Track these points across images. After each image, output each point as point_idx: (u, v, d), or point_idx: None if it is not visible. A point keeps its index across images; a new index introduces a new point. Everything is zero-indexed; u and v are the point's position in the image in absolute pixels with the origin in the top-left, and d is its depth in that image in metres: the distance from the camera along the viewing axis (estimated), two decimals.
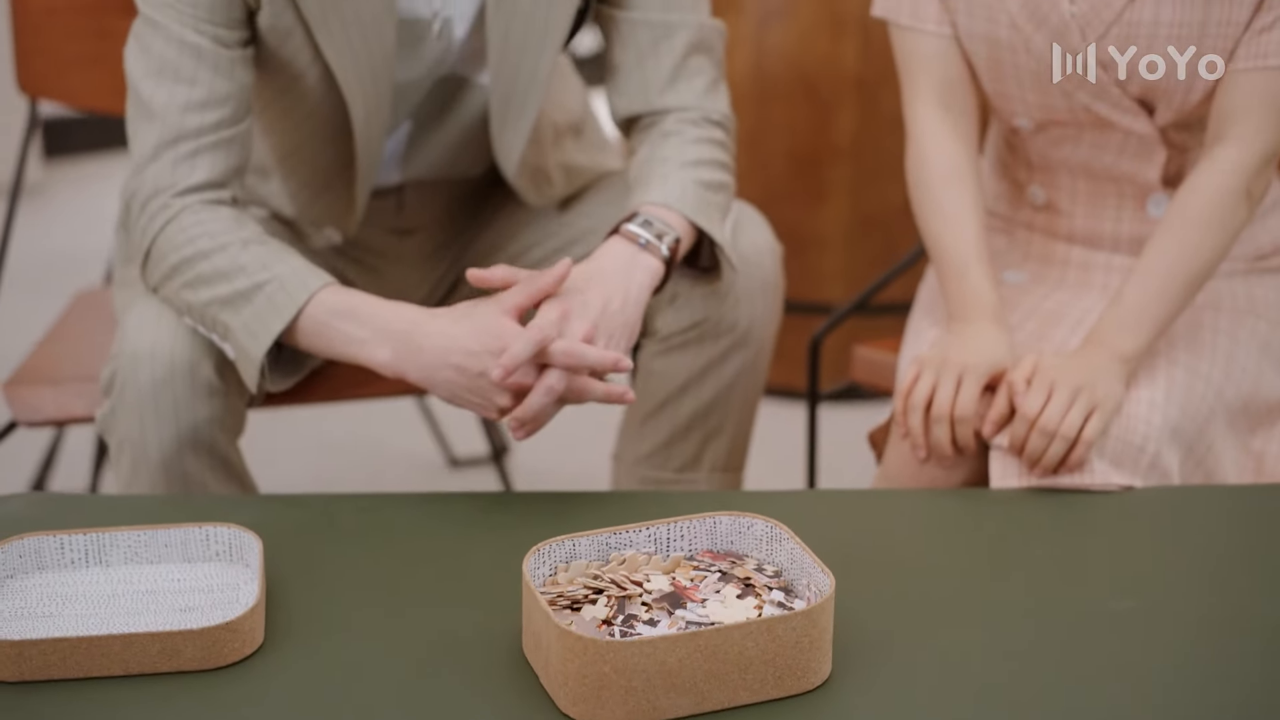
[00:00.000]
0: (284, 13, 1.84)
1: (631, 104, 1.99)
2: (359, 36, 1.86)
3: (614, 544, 1.57)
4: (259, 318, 1.77)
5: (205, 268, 1.79)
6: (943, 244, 1.94)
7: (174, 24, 1.82)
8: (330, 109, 1.93)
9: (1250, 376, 1.95)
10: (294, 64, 1.89)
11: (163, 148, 1.82)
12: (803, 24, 3.00)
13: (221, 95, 1.83)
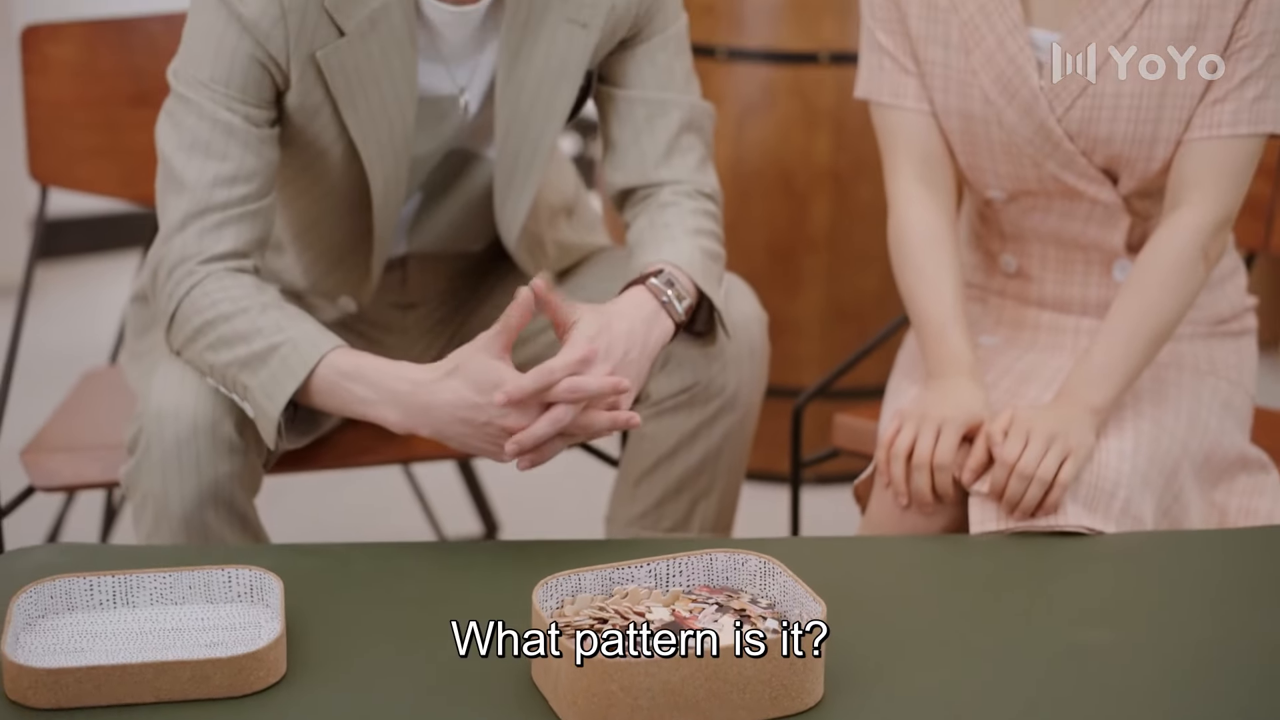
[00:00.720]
0: (313, 91, 1.95)
1: (628, 177, 2.10)
2: (382, 114, 1.98)
3: (617, 579, 1.66)
4: (274, 378, 1.87)
5: (226, 330, 1.89)
6: (922, 306, 2.05)
7: (207, 102, 1.93)
8: (351, 183, 2.04)
9: (1212, 432, 2.05)
10: (319, 140, 2.00)
11: (191, 218, 1.93)
12: (779, 119, 3.13)
13: (249, 171, 1.94)
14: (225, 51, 1.93)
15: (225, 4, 1.92)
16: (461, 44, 2.02)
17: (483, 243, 2.26)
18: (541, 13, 2.01)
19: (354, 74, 1.95)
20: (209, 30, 1.94)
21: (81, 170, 2.60)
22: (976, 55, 2.04)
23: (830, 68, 3.11)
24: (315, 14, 1.92)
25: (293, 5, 1.91)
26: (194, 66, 1.95)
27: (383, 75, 1.96)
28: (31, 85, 2.55)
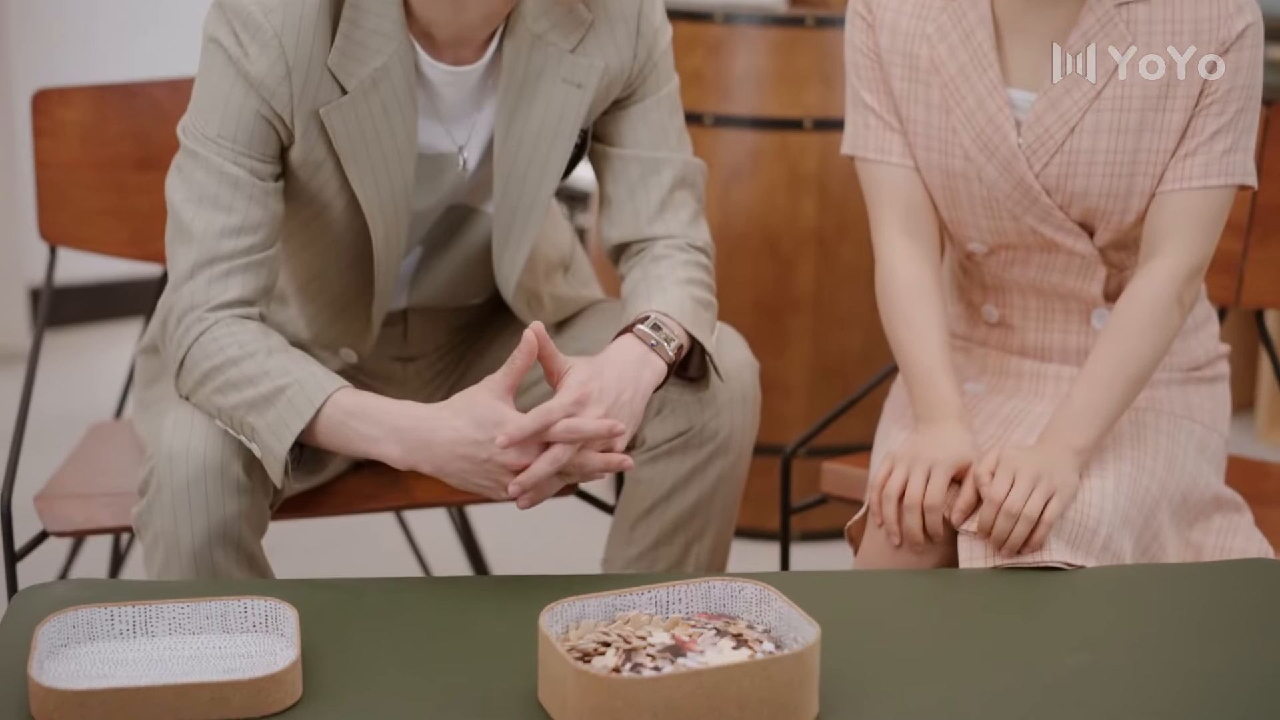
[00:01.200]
0: (316, 147, 2.03)
1: (623, 233, 2.19)
2: (383, 169, 2.06)
3: (619, 605, 1.73)
4: (281, 419, 1.94)
5: (234, 374, 1.96)
6: (910, 352, 2.13)
7: (214, 156, 2.01)
8: (353, 236, 2.12)
9: (1189, 473, 2.13)
10: (322, 195, 2.08)
11: (199, 267, 2.01)
12: (765, 183, 3.22)
13: (255, 222, 2.02)
14: (232, 108, 2.02)
15: (233, 63, 2.01)
16: (460, 103, 2.10)
17: (481, 297, 2.34)
18: (538, 73, 2.09)
19: (356, 130, 2.03)
20: (217, 88, 2.03)
21: (90, 230, 2.67)
22: (957, 114, 2.13)
23: (814, 133, 3.20)
24: (318, 72, 2.01)
25: (297, 64, 2.00)
26: (202, 122, 2.03)
27: (384, 132, 2.05)
28: (41, 148, 2.64)
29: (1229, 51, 2.07)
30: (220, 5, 2.03)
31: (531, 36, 2.08)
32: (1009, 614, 1.86)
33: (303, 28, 1.99)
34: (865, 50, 2.19)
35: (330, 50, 2.01)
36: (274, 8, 1.99)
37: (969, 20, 2.11)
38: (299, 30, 1.99)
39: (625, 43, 2.13)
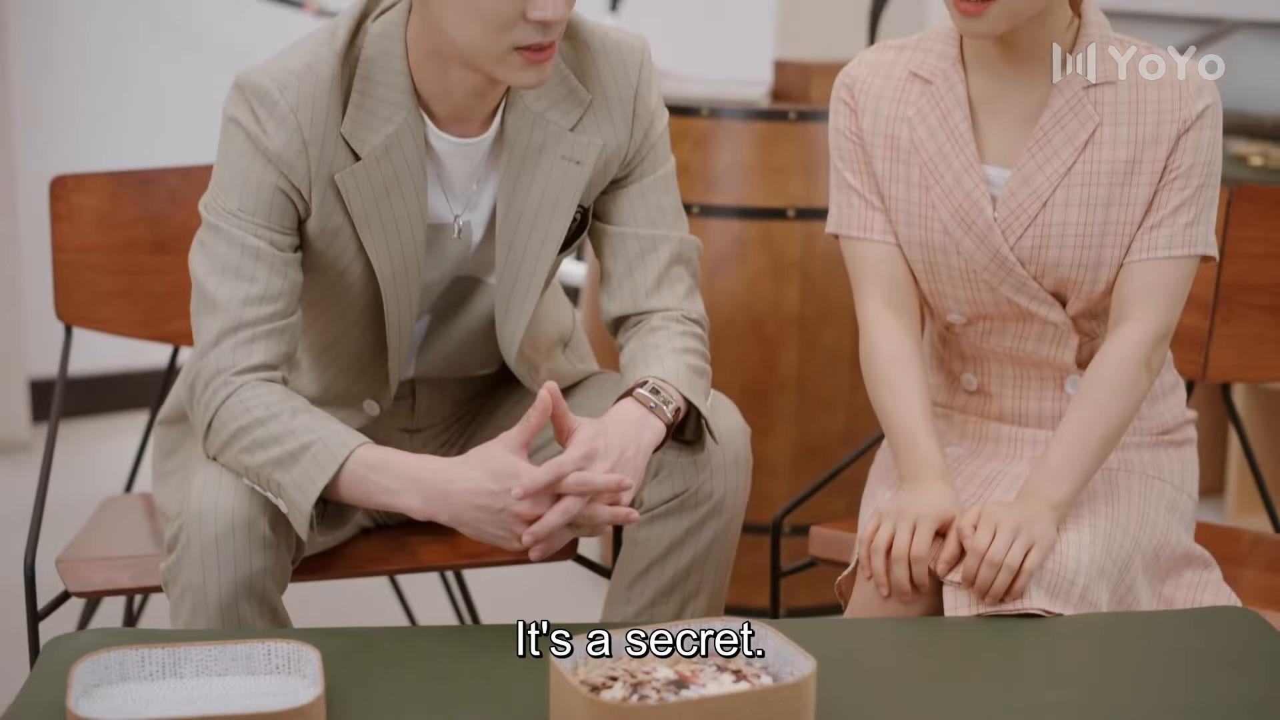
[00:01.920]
0: (334, 213, 2.16)
1: (622, 306, 2.31)
2: (395, 234, 2.18)
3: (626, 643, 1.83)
4: (307, 474, 2.05)
5: (261, 433, 2.08)
6: (894, 416, 2.25)
7: (236, 230, 2.13)
8: (367, 302, 2.24)
9: (1160, 530, 2.25)
10: (339, 261, 2.20)
11: (224, 335, 2.12)
12: (750, 270, 3.35)
13: (276, 291, 2.14)
14: (251, 183, 2.14)
15: (251, 139, 2.13)
16: (466, 175, 2.23)
17: (486, 368, 2.45)
18: (539, 149, 2.22)
19: (369, 195, 2.16)
20: (236, 165, 2.15)
21: (104, 311, 2.78)
22: (936, 191, 2.26)
23: (797, 222, 3.34)
24: (333, 141, 2.13)
25: (313, 136, 2.12)
26: (223, 198, 2.16)
27: (395, 198, 2.17)
28: (58, 231, 2.74)
29: (1190, 130, 2.20)
30: (239, 86, 2.16)
31: (532, 114, 2.21)
32: (992, 656, 1.97)
33: (317, 100, 2.12)
34: (849, 134, 2.32)
35: (343, 119, 2.14)
36: (289, 84, 2.12)
37: (946, 103, 2.25)
38: (314, 103, 2.12)
39: (622, 123, 2.26)
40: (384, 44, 2.16)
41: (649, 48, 2.31)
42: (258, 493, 2.10)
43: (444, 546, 2.45)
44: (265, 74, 2.15)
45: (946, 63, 2.26)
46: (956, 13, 2.14)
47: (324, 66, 2.14)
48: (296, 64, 2.15)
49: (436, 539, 2.45)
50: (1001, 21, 2.13)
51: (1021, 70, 2.23)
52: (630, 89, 2.27)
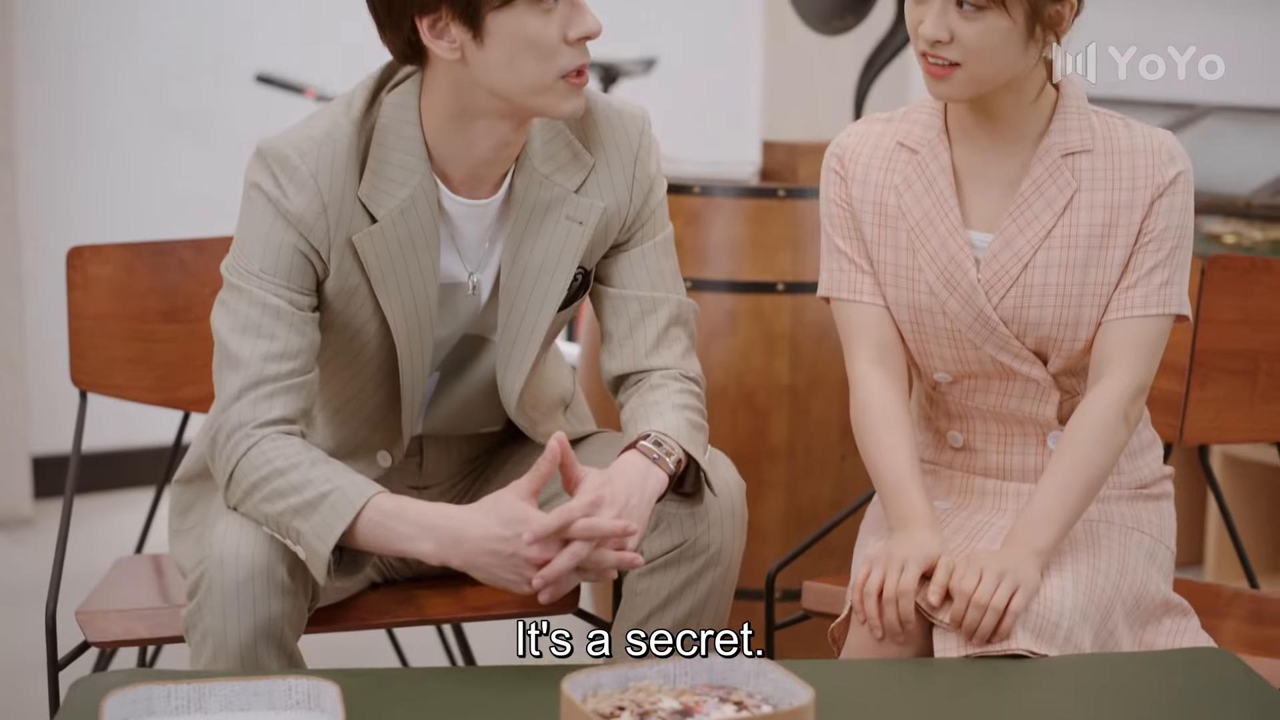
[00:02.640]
0: (351, 273, 2.26)
1: (623, 365, 2.41)
2: (409, 293, 2.29)
3: (631, 676, 1.92)
4: (325, 522, 2.15)
5: (281, 483, 2.17)
6: (883, 468, 2.35)
7: (257, 289, 2.24)
8: (382, 359, 2.35)
9: (1139, 578, 2.34)
10: (355, 320, 2.30)
11: (245, 390, 2.22)
12: (741, 342, 3.46)
13: (295, 349, 2.24)
14: (272, 245, 2.25)
15: (273, 203, 2.24)
16: (476, 236, 2.34)
17: (491, 425, 2.55)
18: (545, 209, 2.33)
19: (385, 256, 2.26)
20: (258, 227, 2.26)
21: (118, 377, 2.87)
22: (923, 254, 2.36)
23: (786, 296, 3.45)
24: (351, 204, 2.25)
25: (332, 199, 2.23)
26: (245, 259, 2.26)
27: (410, 258, 2.28)
28: (74, 300, 2.84)
29: (1163, 196, 2.32)
30: (260, 153, 2.27)
31: (540, 176, 2.32)
32: (980, 694, 2.07)
33: (335, 166, 2.24)
34: (839, 201, 2.43)
35: (360, 184, 2.25)
36: (308, 150, 2.23)
37: (931, 170, 2.36)
38: (332, 168, 2.24)
39: (623, 187, 2.37)
40: (399, 113, 2.27)
41: (649, 117, 2.43)
42: (277, 541, 2.19)
43: (450, 599, 2.53)
44: (286, 141, 2.26)
45: (932, 133, 2.38)
46: (927, 76, 2.27)
47: (342, 134, 2.26)
48: (316, 131, 2.26)
49: (442, 592, 2.54)
50: (966, 87, 2.26)
51: (1002, 139, 2.34)
52: (631, 154, 2.38)
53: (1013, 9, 2.22)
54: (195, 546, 2.43)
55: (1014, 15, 2.22)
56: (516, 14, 2.19)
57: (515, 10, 2.18)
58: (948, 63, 2.25)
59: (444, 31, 2.21)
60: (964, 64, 2.24)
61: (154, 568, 2.80)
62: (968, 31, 2.23)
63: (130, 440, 4.79)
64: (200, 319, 2.88)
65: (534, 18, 2.19)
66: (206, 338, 2.86)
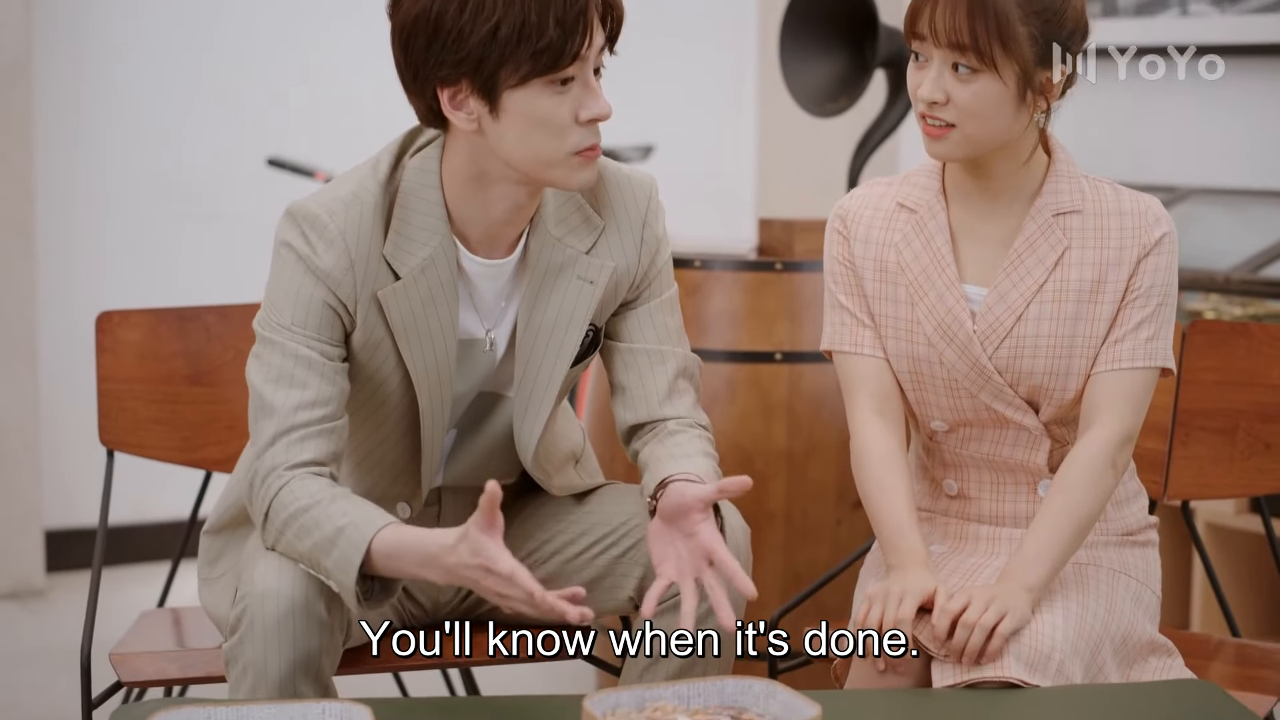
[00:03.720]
0: (376, 327, 2.39)
1: (637, 415, 2.54)
2: (430, 348, 2.42)
3: (648, 697, 2.03)
4: (344, 556, 2.26)
5: (306, 520, 2.29)
6: (882, 511, 2.46)
7: (289, 342, 2.36)
8: (404, 411, 2.47)
9: (1127, 619, 2.46)
10: (380, 373, 2.43)
11: (279, 436, 2.34)
12: (739, 410, 3.58)
13: (325, 397, 2.36)
14: (303, 299, 2.37)
15: (303, 260, 2.37)
16: (493, 295, 2.47)
17: (507, 478, 2.66)
18: (557, 270, 2.46)
19: (408, 311, 2.39)
20: (289, 283, 2.38)
21: (144, 437, 2.99)
22: (921, 307, 2.49)
23: (784, 365, 3.57)
24: (376, 262, 2.38)
25: (359, 256, 2.36)
26: (276, 314, 2.39)
27: (430, 314, 2.41)
28: (103, 363, 2.96)
29: (1149, 255, 2.45)
30: (290, 214, 2.40)
31: (553, 238, 2.45)
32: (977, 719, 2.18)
33: (362, 225, 2.37)
34: (842, 259, 2.56)
35: (385, 242, 2.37)
36: (337, 210, 2.37)
37: (929, 229, 2.50)
38: (359, 227, 2.37)
39: (632, 248, 2.51)
40: (421, 176, 2.41)
41: (656, 183, 2.57)
42: (315, 577, 2.31)
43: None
44: (315, 202, 2.39)
45: (930, 194, 2.51)
46: (925, 136, 2.42)
47: (368, 195, 2.39)
48: (344, 192, 2.39)
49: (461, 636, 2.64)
50: (960, 147, 2.40)
51: (997, 200, 2.48)
52: (640, 217, 2.51)
53: (1005, 74, 2.36)
54: (224, 596, 2.54)
55: (1006, 80, 2.36)
56: (531, 93, 2.32)
57: (530, 90, 2.31)
58: (944, 123, 2.39)
59: (463, 104, 2.34)
60: (959, 125, 2.38)
61: (175, 620, 2.90)
62: (963, 94, 2.37)
63: (141, 516, 4.89)
64: (223, 382, 3.02)
65: (548, 98, 2.32)
66: (229, 400, 3.01)
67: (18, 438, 4.69)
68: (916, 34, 2.41)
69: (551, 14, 2.27)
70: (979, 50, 2.36)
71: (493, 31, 2.26)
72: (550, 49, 2.28)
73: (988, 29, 2.36)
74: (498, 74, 2.29)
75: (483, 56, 2.28)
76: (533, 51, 2.27)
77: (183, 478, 3.76)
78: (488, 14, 2.26)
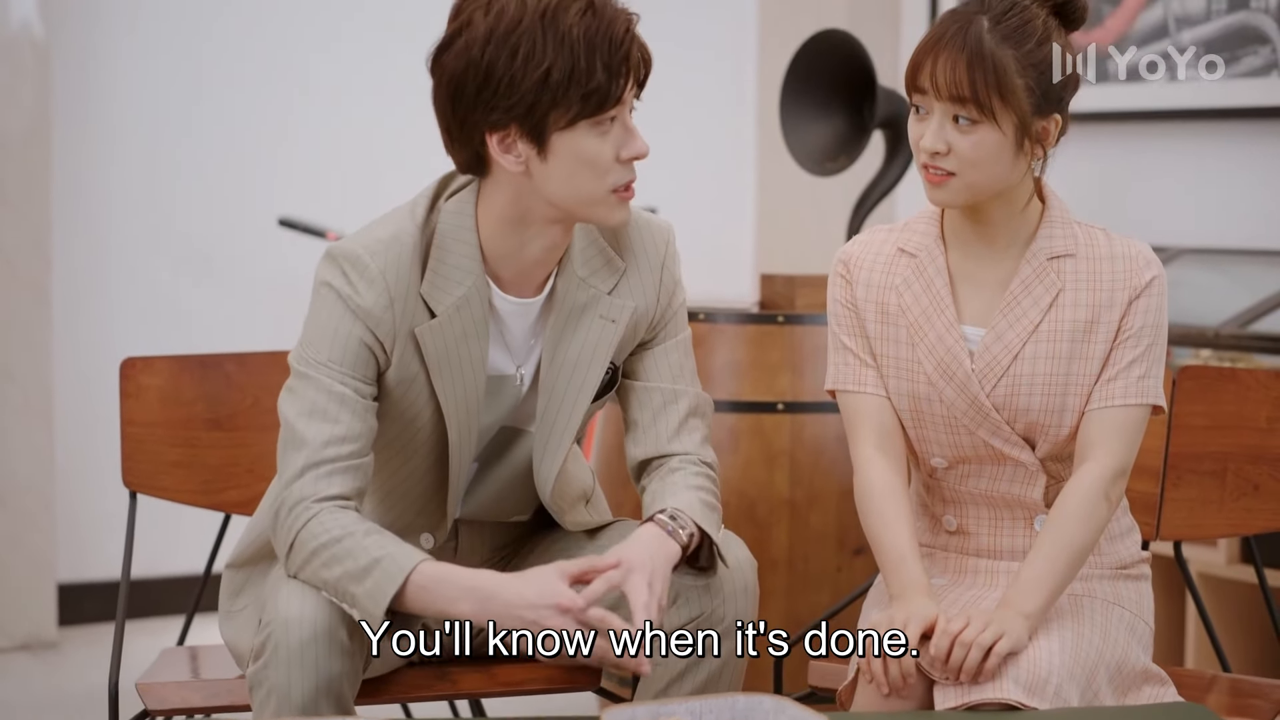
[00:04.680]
0: (411, 362, 2.49)
1: (646, 450, 2.64)
2: (461, 383, 2.52)
3: (662, 712, 2.12)
4: (378, 586, 2.35)
5: (338, 550, 2.38)
6: (884, 542, 2.55)
7: (325, 378, 2.46)
8: (432, 445, 2.57)
9: (1121, 648, 2.54)
10: (412, 408, 2.53)
11: (308, 468, 2.43)
12: (742, 459, 3.67)
13: (355, 433, 2.46)
14: (341, 337, 2.47)
15: (343, 299, 2.47)
16: (522, 332, 2.57)
17: (521, 514, 2.75)
18: (581, 310, 2.57)
19: (442, 347, 2.49)
20: (328, 321, 2.48)
21: (165, 480, 3.07)
22: (921, 348, 2.59)
23: (786, 415, 3.67)
24: (414, 300, 2.47)
25: (398, 295, 2.46)
26: (313, 351, 2.48)
27: (463, 350, 2.50)
28: (127, 408, 3.04)
29: (1140, 297, 2.56)
30: (331, 256, 2.50)
31: (578, 279, 2.56)
32: None
33: (401, 265, 2.47)
34: (845, 302, 2.66)
35: (422, 282, 2.47)
36: (378, 250, 2.47)
37: (929, 273, 2.60)
38: (399, 267, 2.47)
39: (651, 289, 2.61)
40: (457, 219, 2.51)
41: (674, 230, 2.68)
42: (337, 605, 2.39)
43: (480, 675, 2.72)
44: (356, 243, 2.49)
45: (929, 240, 2.62)
46: (926, 184, 2.52)
47: (407, 236, 2.49)
48: (383, 234, 2.50)
49: (473, 669, 2.73)
50: (960, 194, 2.51)
51: (994, 245, 2.58)
52: (659, 261, 2.62)
53: (1003, 124, 2.47)
54: (246, 629, 2.63)
55: (1004, 129, 2.47)
56: (577, 135, 2.44)
57: (576, 131, 2.44)
58: (945, 171, 2.49)
59: (511, 147, 2.45)
60: (959, 173, 2.49)
61: (194, 656, 2.98)
62: (963, 144, 2.47)
63: (155, 570, 4.97)
64: (242, 428, 3.11)
65: (592, 139, 2.44)
66: (248, 445, 3.10)
67: (34, 496, 4.78)
68: (918, 88, 2.52)
69: (599, 58, 2.40)
70: (979, 102, 2.46)
71: (544, 77, 2.39)
72: (598, 91, 2.40)
73: (987, 82, 2.46)
74: (548, 117, 2.41)
75: (534, 101, 2.40)
76: (582, 94, 2.40)
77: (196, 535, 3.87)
78: (538, 60, 2.38)
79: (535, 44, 2.39)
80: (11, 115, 4.71)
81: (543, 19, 2.39)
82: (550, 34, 2.39)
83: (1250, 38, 4.44)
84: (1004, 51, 2.47)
